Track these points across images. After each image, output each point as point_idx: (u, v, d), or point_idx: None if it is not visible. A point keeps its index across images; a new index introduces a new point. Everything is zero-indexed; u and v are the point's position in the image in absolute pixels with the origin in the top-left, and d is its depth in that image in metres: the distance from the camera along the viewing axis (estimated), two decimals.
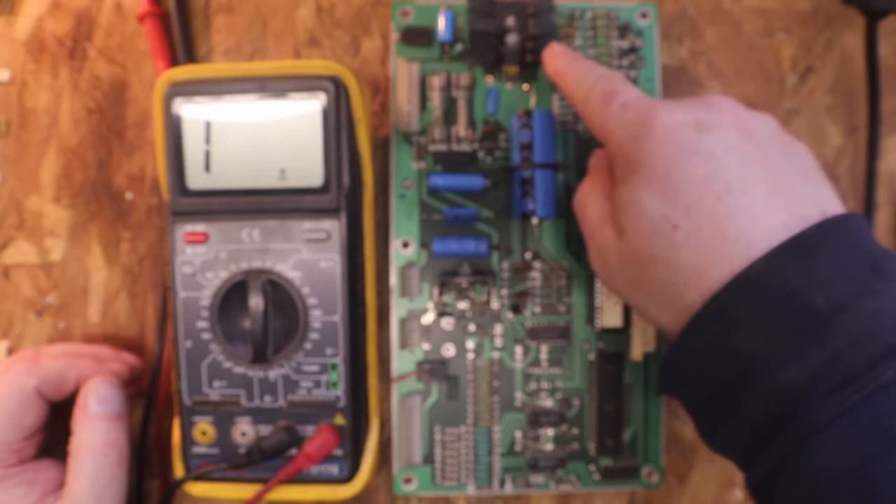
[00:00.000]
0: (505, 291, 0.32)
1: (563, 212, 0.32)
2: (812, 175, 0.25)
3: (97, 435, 0.29)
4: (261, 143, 0.29)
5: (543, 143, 0.31)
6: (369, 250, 0.30)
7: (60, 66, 0.34)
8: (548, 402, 0.32)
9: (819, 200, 0.24)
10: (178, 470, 0.30)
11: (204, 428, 0.30)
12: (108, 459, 0.29)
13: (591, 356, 0.32)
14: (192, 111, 0.29)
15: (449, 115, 0.33)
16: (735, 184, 0.23)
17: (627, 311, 0.32)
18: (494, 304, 0.32)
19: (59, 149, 0.34)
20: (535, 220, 0.32)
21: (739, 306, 0.22)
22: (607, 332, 0.32)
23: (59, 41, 0.34)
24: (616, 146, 0.26)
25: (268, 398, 0.29)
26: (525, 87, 0.33)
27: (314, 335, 0.29)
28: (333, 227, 0.29)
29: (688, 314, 0.23)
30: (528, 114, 0.31)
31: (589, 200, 0.28)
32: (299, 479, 0.29)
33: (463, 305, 0.32)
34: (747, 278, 0.22)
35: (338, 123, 0.28)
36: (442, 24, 0.32)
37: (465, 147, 0.32)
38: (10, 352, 0.34)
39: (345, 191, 0.29)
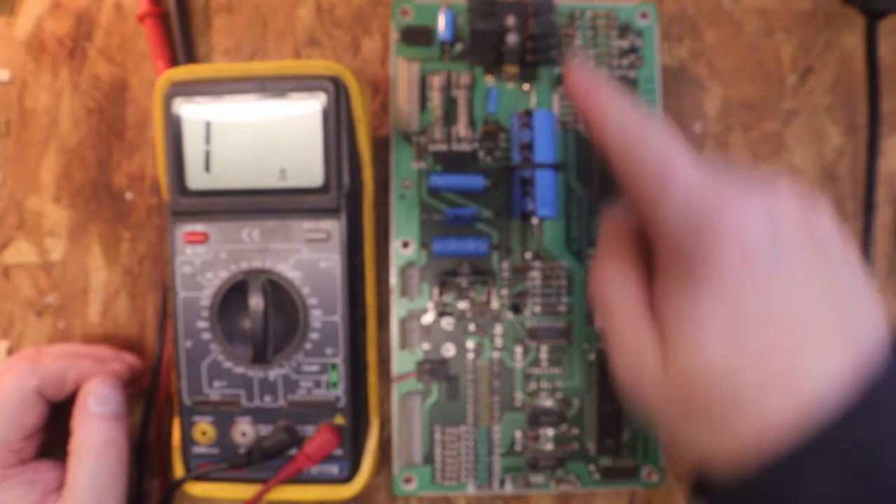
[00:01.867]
0: (505, 291, 0.32)
1: (563, 212, 0.32)
2: (862, 282, 0.23)
3: (97, 435, 0.29)
4: (261, 143, 0.29)
5: (543, 143, 0.31)
6: (369, 250, 0.30)
7: (60, 66, 0.34)
8: (548, 402, 0.32)
9: (875, 321, 0.22)
10: (178, 470, 0.30)
11: (204, 428, 0.30)
12: (108, 459, 0.29)
13: (591, 356, 0.32)
14: (192, 111, 0.29)
15: (449, 115, 0.33)
16: (807, 316, 0.21)
17: None
18: (494, 304, 0.32)
19: (59, 149, 0.34)
20: (535, 220, 0.32)
21: (807, 465, 0.20)
22: None
23: (59, 41, 0.34)
24: (670, 241, 0.23)
25: (268, 398, 0.29)
26: (525, 86, 0.33)
27: (314, 335, 0.29)
28: (333, 227, 0.29)
29: (736, 447, 0.21)
30: (528, 114, 0.31)
31: (614, 287, 0.24)
32: (299, 479, 0.29)
33: (463, 305, 0.32)
34: (815, 435, 0.20)
35: (338, 123, 0.28)
36: (442, 23, 0.32)
37: (465, 147, 0.33)
38: (11, 352, 0.34)
39: (345, 191, 0.29)
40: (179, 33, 0.34)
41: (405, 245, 0.32)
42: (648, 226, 0.23)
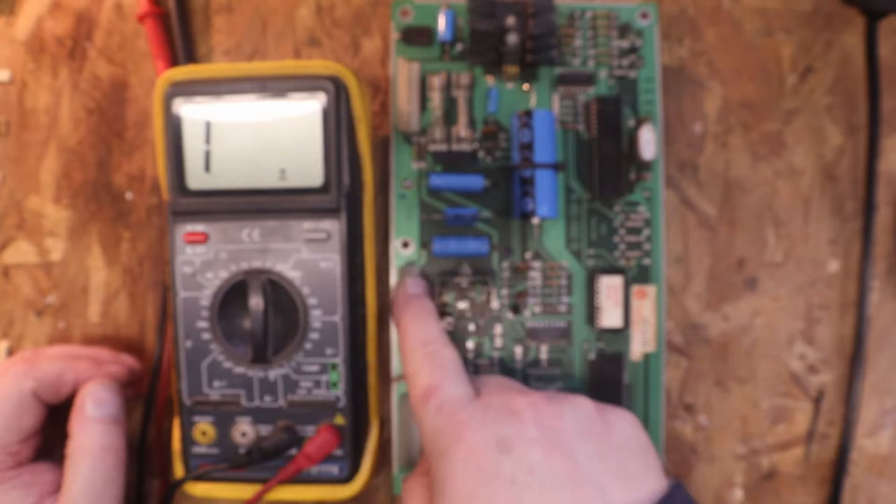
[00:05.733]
0: (505, 291, 0.32)
1: (563, 212, 0.32)
2: (624, 468, 0.24)
3: (94, 438, 0.29)
4: (261, 143, 0.29)
5: (543, 143, 0.31)
6: (369, 250, 0.30)
7: (60, 66, 0.34)
8: None
9: (629, 501, 0.23)
10: (178, 470, 0.30)
11: (204, 428, 0.30)
12: (105, 463, 0.29)
13: (591, 356, 0.32)
14: (192, 111, 0.29)
15: (449, 115, 0.33)
16: None
17: (627, 312, 0.32)
18: (494, 304, 0.32)
19: (59, 149, 0.34)
20: (535, 220, 0.32)
21: None
22: (607, 332, 0.32)
23: (59, 41, 0.34)
24: (427, 451, 0.25)
25: (268, 398, 0.29)
26: (525, 86, 0.33)
27: (314, 335, 0.29)
28: (333, 227, 0.29)
29: None
30: (528, 114, 0.31)
31: (408, 490, 0.27)
32: (299, 479, 0.29)
33: (463, 305, 0.32)
34: None
35: (338, 123, 0.28)
36: (442, 23, 0.32)
37: (465, 147, 0.33)
38: (11, 352, 0.34)
39: (345, 191, 0.29)
40: (179, 33, 0.34)
41: (405, 245, 0.32)
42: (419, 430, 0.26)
